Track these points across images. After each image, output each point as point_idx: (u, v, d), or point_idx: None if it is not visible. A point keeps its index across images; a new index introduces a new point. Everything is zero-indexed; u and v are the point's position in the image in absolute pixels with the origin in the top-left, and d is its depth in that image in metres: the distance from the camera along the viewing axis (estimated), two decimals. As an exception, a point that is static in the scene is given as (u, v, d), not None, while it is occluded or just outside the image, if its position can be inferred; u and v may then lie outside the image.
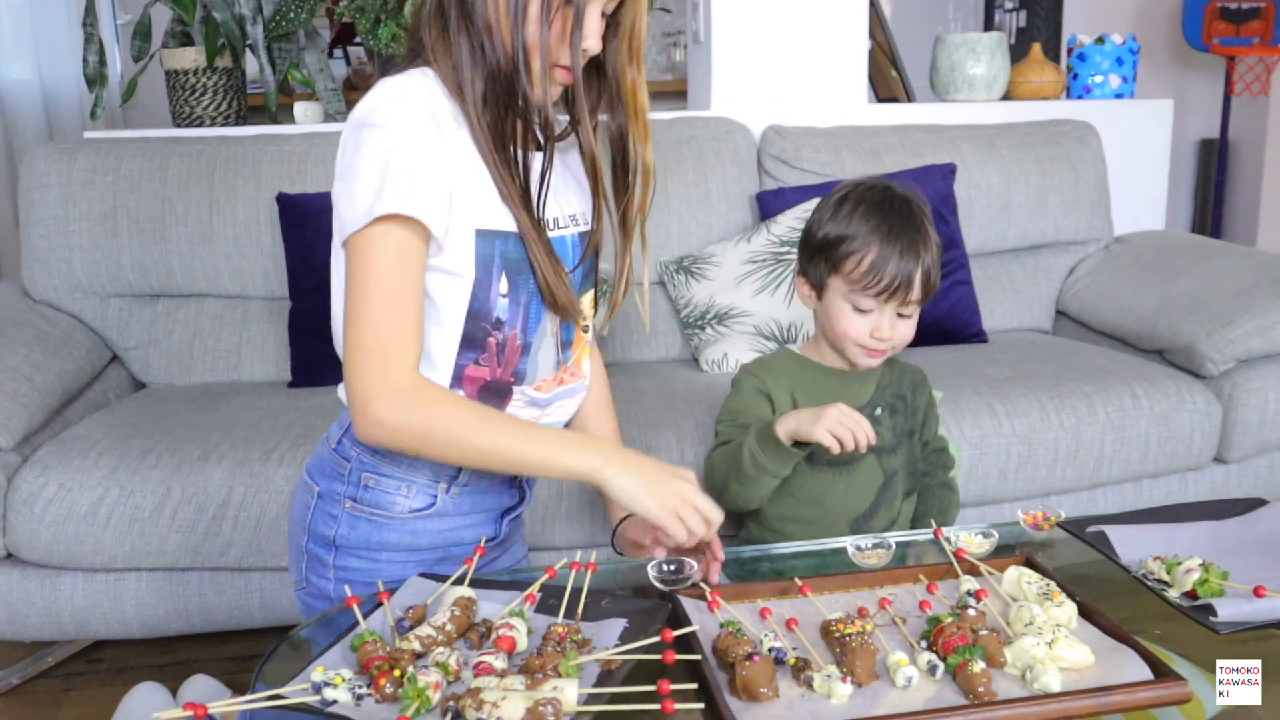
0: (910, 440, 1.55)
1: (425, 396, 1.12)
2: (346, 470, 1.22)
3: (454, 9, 1.13)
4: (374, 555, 1.23)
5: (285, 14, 2.63)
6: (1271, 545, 1.23)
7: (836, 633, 1.02)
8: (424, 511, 1.23)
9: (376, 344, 1.09)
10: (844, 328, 1.44)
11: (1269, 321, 2.13)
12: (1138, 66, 4.21)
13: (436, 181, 1.10)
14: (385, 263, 1.08)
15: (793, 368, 1.52)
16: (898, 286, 1.39)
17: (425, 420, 1.11)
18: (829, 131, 2.62)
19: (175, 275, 2.34)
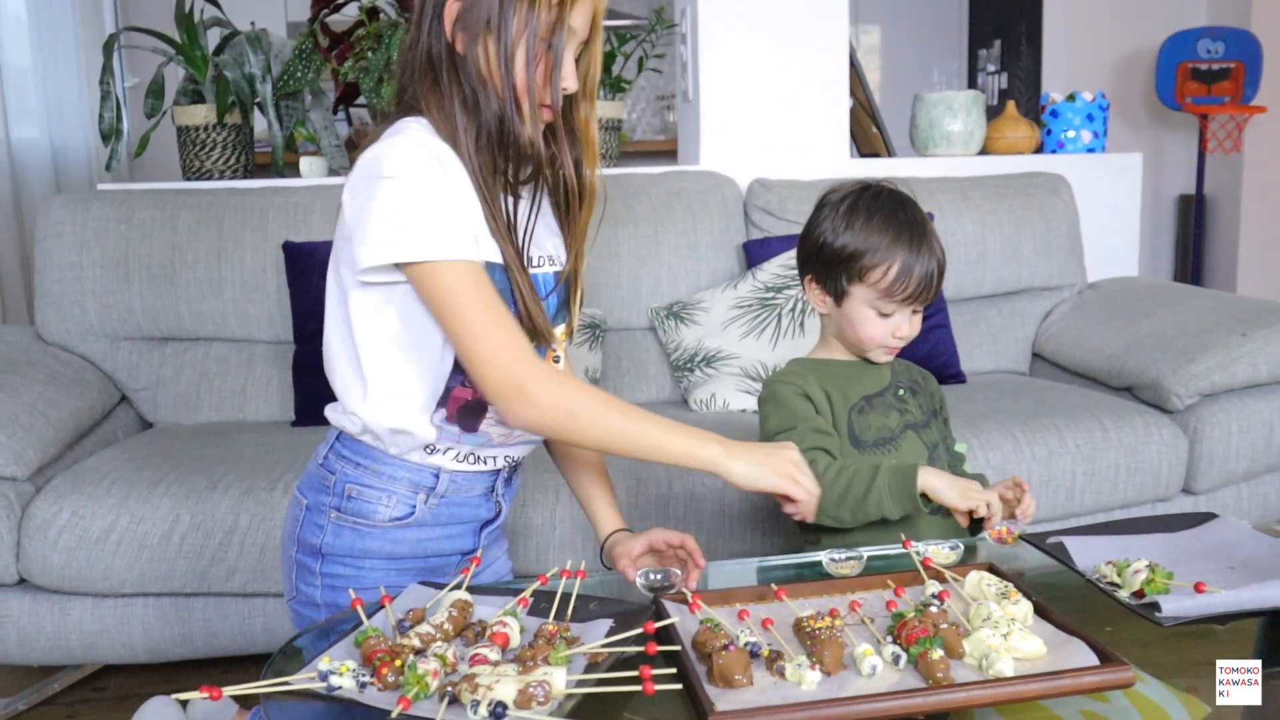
0: (937, 419, 1.62)
1: (568, 379, 1.24)
2: (332, 482, 1.30)
3: (444, 63, 1.23)
4: (358, 563, 1.31)
5: (293, 73, 2.75)
6: (1219, 553, 1.31)
7: (807, 628, 1.09)
8: (403, 520, 1.31)
9: (505, 340, 1.19)
10: (869, 332, 1.50)
11: (1230, 358, 2.23)
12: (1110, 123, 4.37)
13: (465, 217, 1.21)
14: (467, 279, 1.18)
15: (813, 369, 1.57)
16: (922, 291, 1.47)
17: (572, 400, 1.21)
18: (812, 184, 2.73)
19: (184, 319, 2.44)
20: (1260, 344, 2.25)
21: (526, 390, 1.18)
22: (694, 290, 2.59)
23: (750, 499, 1.98)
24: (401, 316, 1.24)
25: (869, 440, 1.52)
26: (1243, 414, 2.26)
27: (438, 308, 1.19)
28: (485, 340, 1.18)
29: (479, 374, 1.20)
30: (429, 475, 1.30)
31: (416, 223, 1.16)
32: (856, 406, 1.54)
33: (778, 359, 2.38)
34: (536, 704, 0.94)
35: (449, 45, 1.23)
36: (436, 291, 1.18)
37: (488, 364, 1.19)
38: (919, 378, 1.65)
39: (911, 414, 1.57)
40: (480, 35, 1.20)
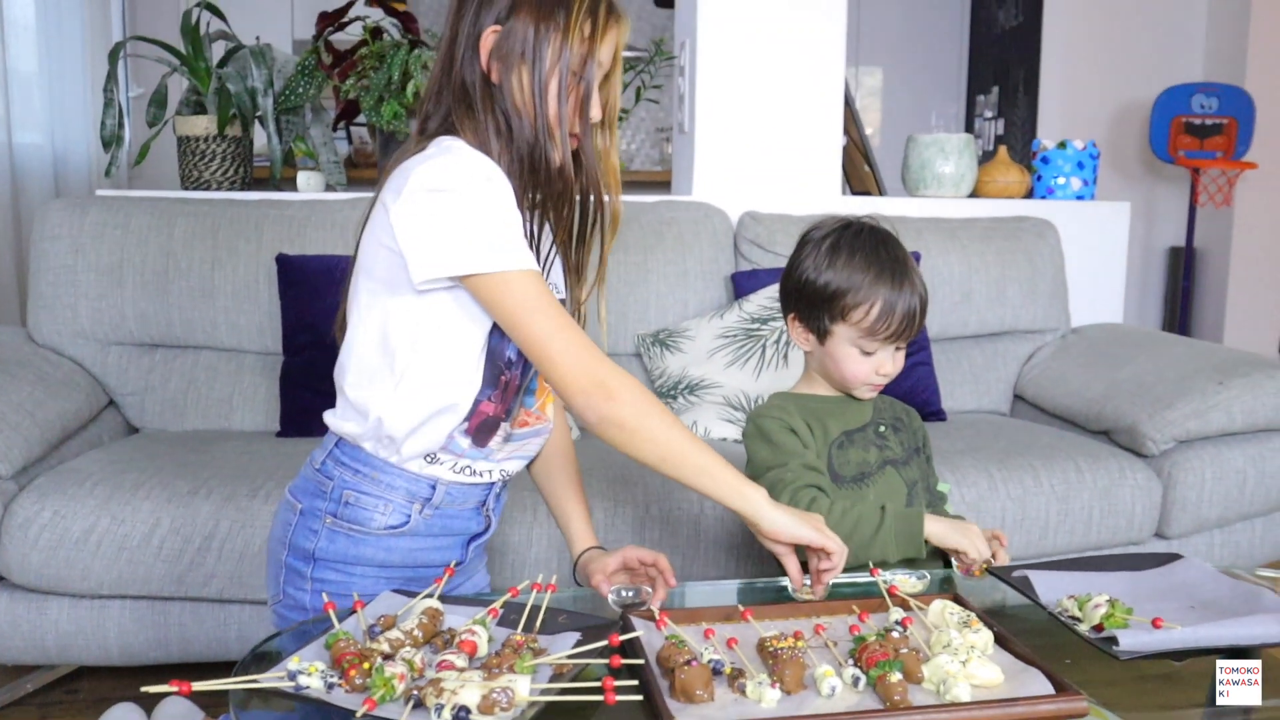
0: (918, 457, 1.63)
1: (636, 382, 1.27)
2: (329, 488, 1.33)
3: (478, 92, 1.29)
4: (349, 569, 1.33)
5: (295, 89, 2.79)
6: (1181, 593, 1.33)
7: (770, 647, 1.11)
8: (398, 529, 1.33)
9: (579, 338, 1.24)
10: (852, 370, 1.51)
11: (1206, 405, 2.26)
12: (1103, 172, 4.42)
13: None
14: (538, 286, 1.23)
15: (795, 403, 1.57)
16: (905, 330, 1.48)
17: (649, 401, 1.25)
18: (802, 219, 2.76)
19: (175, 327, 2.46)
20: (1236, 393, 2.28)
21: (609, 385, 1.22)
22: (681, 319, 2.62)
23: (725, 524, 2.00)
24: (443, 326, 1.28)
25: (848, 475, 1.53)
26: (1217, 461, 2.29)
27: (510, 315, 1.23)
28: (566, 341, 1.22)
29: (560, 374, 1.23)
30: (426, 485, 1.33)
31: (482, 234, 1.21)
32: (837, 441, 1.55)
33: (761, 389, 2.40)
34: (499, 709, 0.96)
35: (484, 75, 1.28)
36: (509, 300, 1.22)
37: (571, 364, 1.22)
38: (902, 414, 1.66)
39: (891, 450, 1.58)
40: (515, 66, 1.26)
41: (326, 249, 2.49)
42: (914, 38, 6.09)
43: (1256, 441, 2.35)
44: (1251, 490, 2.33)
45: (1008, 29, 5.50)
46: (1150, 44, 4.84)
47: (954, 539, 1.45)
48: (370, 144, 4.70)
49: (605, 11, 1.28)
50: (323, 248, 2.49)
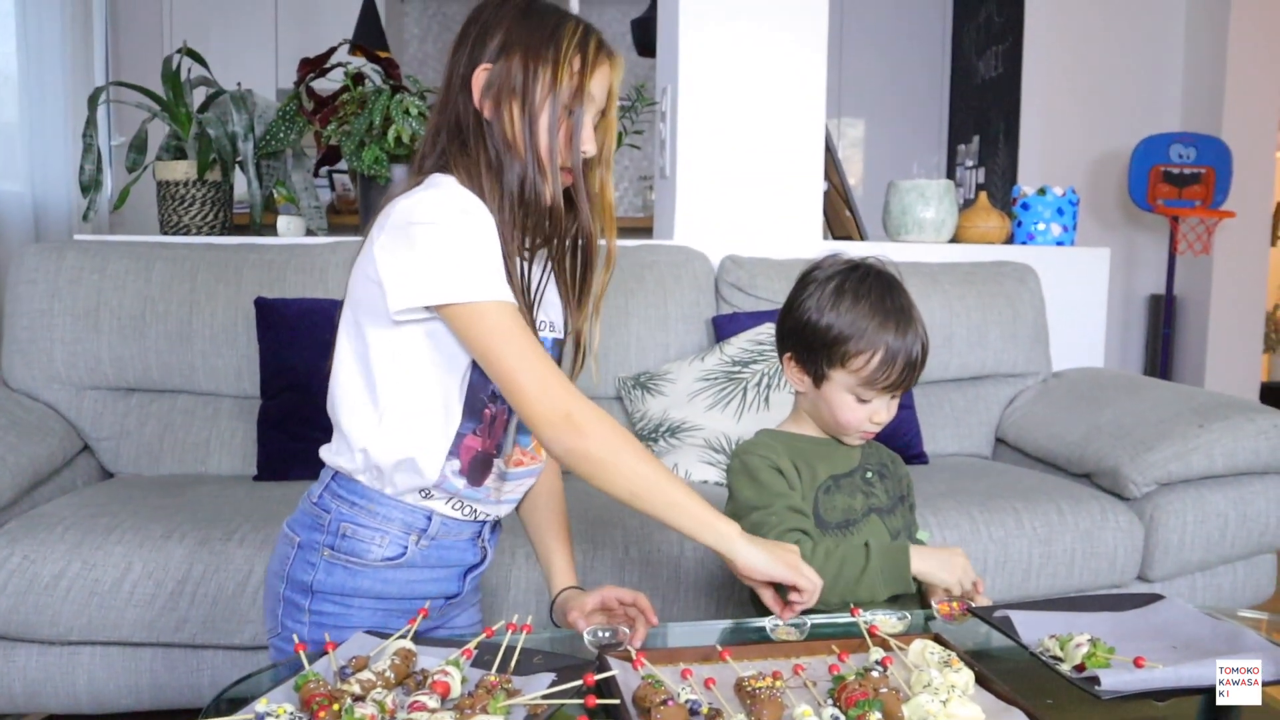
0: (902, 505, 1.60)
1: (607, 416, 1.27)
2: (326, 521, 1.33)
3: (471, 130, 1.31)
4: (347, 601, 1.32)
5: (275, 134, 2.79)
6: (1163, 633, 1.32)
7: (748, 687, 1.09)
8: (395, 560, 1.33)
9: (551, 371, 1.24)
10: (846, 418, 1.48)
11: (1187, 448, 2.25)
12: (1084, 221, 4.45)
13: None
14: (510, 317, 1.24)
15: (783, 443, 1.54)
16: (904, 380, 1.46)
17: (618, 435, 1.25)
18: (783, 263, 2.78)
19: (151, 370, 2.44)
20: (1217, 436, 2.28)
21: (574, 419, 1.22)
22: (662, 361, 2.62)
23: (705, 565, 1.98)
24: (421, 358, 1.28)
25: (833, 521, 1.51)
26: (1199, 504, 2.28)
27: (481, 346, 1.23)
28: (532, 372, 1.22)
29: (528, 406, 1.23)
30: (422, 517, 1.33)
31: (457, 265, 1.22)
32: (823, 486, 1.52)
33: (742, 432, 2.40)
34: (471, 751, 0.94)
35: (477, 112, 1.30)
36: (479, 330, 1.23)
37: (538, 396, 1.22)
38: (888, 461, 1.63)
39: (877, 498, 1.56)
40: (506, 102, 1.29)
41: (306, 292, 2.48)
42: (895, 89, 6.16)
43: (1238, 484, 2.34)
44: (1233, 533, 2.33)
45: (988, 79, 5.57)
46: (1128, 94, 4.91)
47: (940, 575, 1.43)
48: (352, 190, 4.71)
49: (595, 48, 1.31)
50: (302, 291, 2.48)
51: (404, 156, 2.68)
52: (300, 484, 2.25)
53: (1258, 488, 2.36)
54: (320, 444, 2.32)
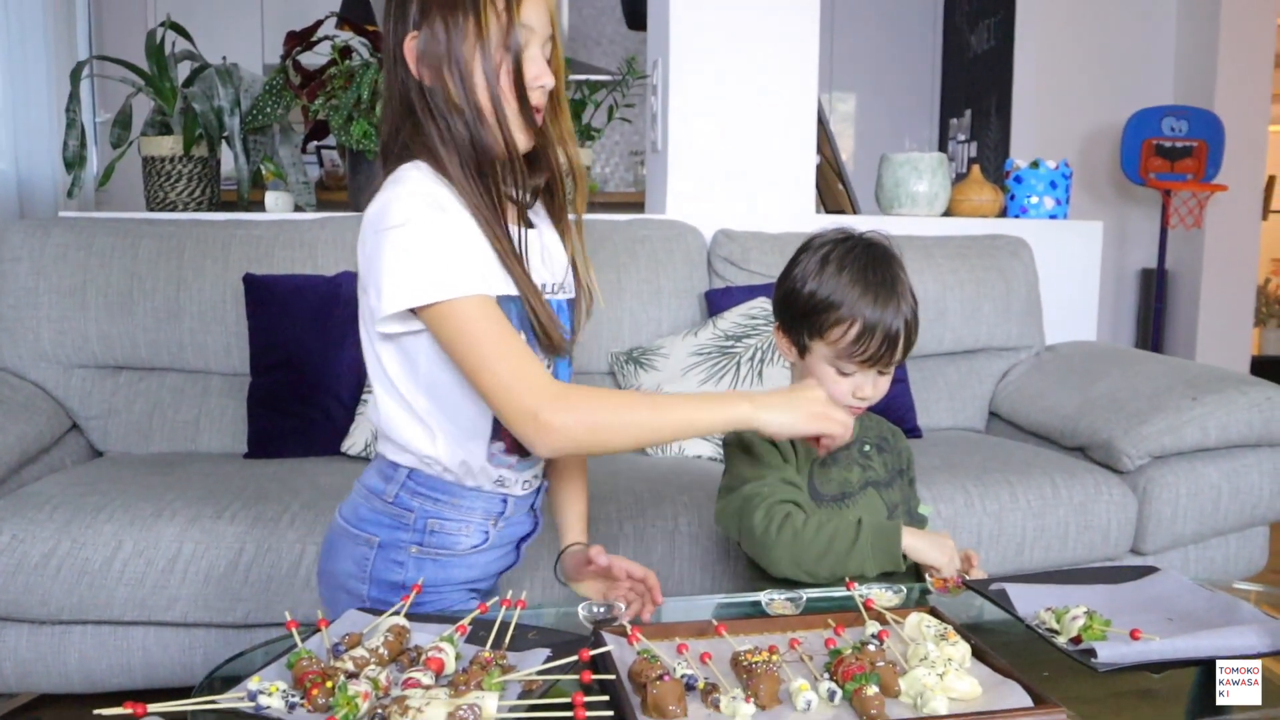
0: (901, 479, 1.59)
1: (580, 393, 1.24)
2: (410, 519, 1.33)
3: (417, 101, 1.26)
4: (438, 591, 1.34)
5: (262, 108, 2.76)
6: (1158, 605, 1.32)
7: (744, 662, 1.09)
8: (480, 547, 1.36)
9: (515, 370, 1.19)
10: (829, 390, 1.43)
11: (1180, 420, 2.25)
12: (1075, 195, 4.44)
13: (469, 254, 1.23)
14: (476, 314, 1.19)
15: None
16: (883, 354, 1.42)
17: (589, 413, 1.21)
18: (776, 237, 2.76)
19: (140, 349, 2.42)
20: (1210, 409, 2.28)
21: (540, 418, 1.18)
22: (654, 336, 2.60)
23: (700, 540, 1.98)
24: (433, 360, 1.26)
25: (828, 494, 1.50)
26: (1191, 477, 2.29)
27: (451, 347, 1.21)
28: (497, 373, 1.19)
29: (497, 408, 1.21)
30: (499, 501, 1.35)
31: (423, 266, 1.18)
32: (819, 459, 1.52)
33: (735, 407, 2.38)
34: (465, 727, 0.93)
35: (418, 83, 1.25)
36: (448, 331, 1.20)
37: (503, 397, 1.19)
38: (889, 434, 1.61)
39: (874, 471, 1.55)
40: (441, 64, 1.23)
41: (295, 269, 2.46)
42: (887, 63, 6.14)
43: (1230, 457, 2.34)
44: (1226, 506, 2.33)
45: (980, 53, 5.54)
46: (1121, 67, 4.89)
47: (931, 555, 1.43)
48: (341, 166, 4.67)
49: None
50: (291, 267, 2.46)
51: (393, 131, 2.65)
52: (290, 461, 2.26)
53: (1250, 460, 2.36)
54: (308, 420, 2.32)
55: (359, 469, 2.17)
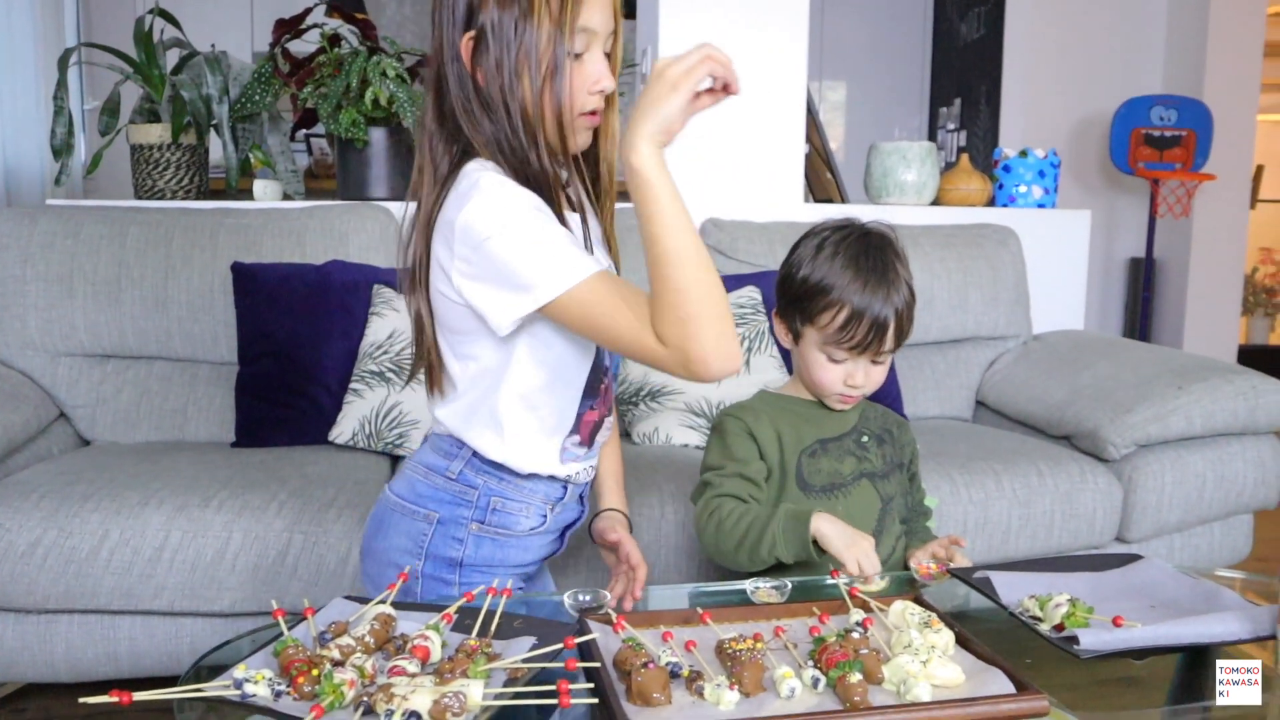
0: (900, 473, 1.58)
1: (704, 318, 1.17)
2: (474, 497, 1.35)
3: (474, 99, 1.26)
4: (494, 570, 1.37)
5: (251, 96, 2.75)
6: (1142, 593, 1.33)
7: (729, 649, 1.09)
8: (537, 529, 1.39)
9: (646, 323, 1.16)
10: (819, 377, 1.47)
11: (1166, 409, 2.27)
12: (1064, 184, 4.45)
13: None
14: (600, 292, 1.17)
15: (773, 406, 1.54)
16: (870, 342, 1.42)
17: (721, 320, 1.16)
18: (764, 226, 2.76)
19: (127, 337, 2.41)
20: (1195, 398, 2.29)
21: (692, 356, 1.14)
22: (644, 326, 2.60)
23: (686, 527, 1.98)
24: (536, 364, 1.28)
25: (817, 485, 1.50)
26: (1177, 466, 2.30)
27: (586, 326, 1.20)
28: (633, 334, 1.16)
29: (652, 363, 1.18)
30: (559, 487, 1.38)
31: (542, 261, 1.17)
32: (809, 449, 1.52)
33: (723, 396, 2.39)
34: (451, 715, 0.94)
35: (473, 81, 1.25)
36: (580, 313, 1.18)
37: (657, 355, 1.16)
38: (893, 426, 1.61)
39: (871, 463, 1.54)
40: (495, 64, 1.23)
41: (284, 257, 2.46)
42: (877, 51, 6.13)
43: (1215, 446, 2.36)
44: (1210, 494, 2.35)
45: (970, 42, 5.54)
46: (1110, 56, 4.89)
47: (835, 545, 1.38)
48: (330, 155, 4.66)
49: None
50: (280, 256, 2.46)
51: (382, 119, 2.65)
52: (278, 450, 2.26)
53: (1235, 449, 2.38)
54: (296, 409, 2.32)
55: (346, 458, 2.20)
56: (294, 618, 1.15)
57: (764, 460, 1.51)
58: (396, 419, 2.29)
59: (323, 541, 1.89)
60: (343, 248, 2.50)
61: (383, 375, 2.31)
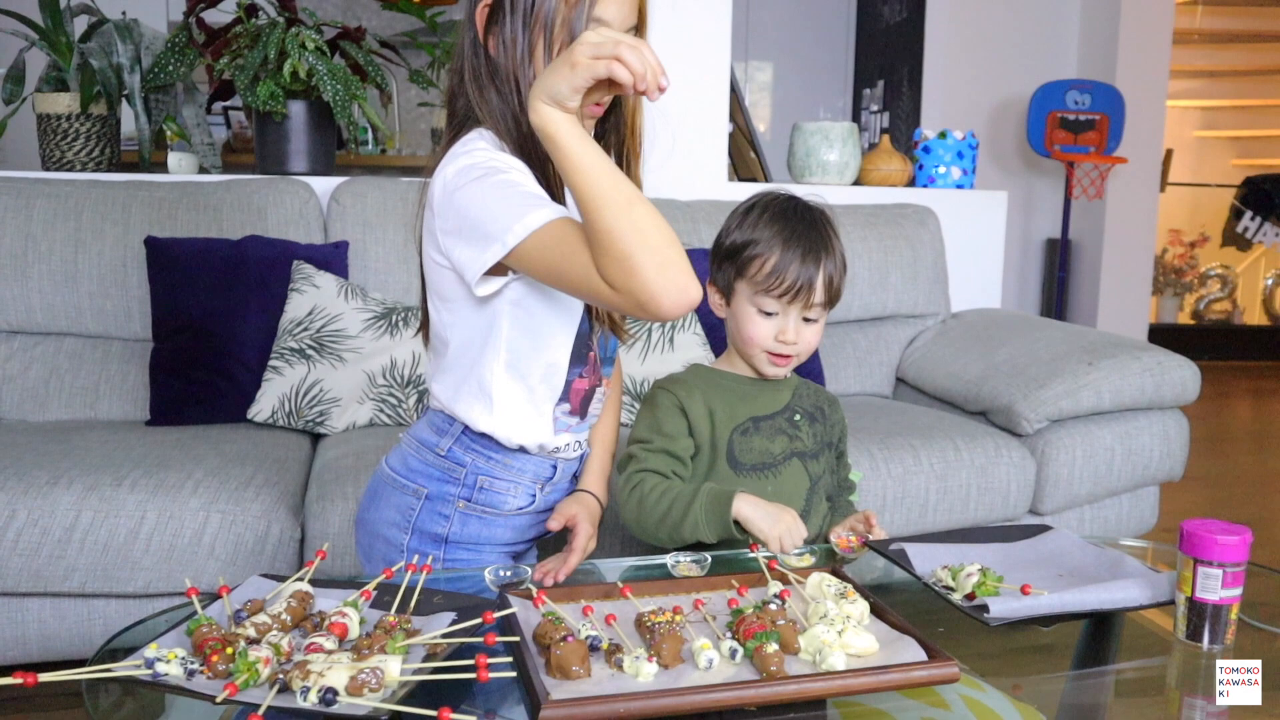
0: (829, 451, 1.59)
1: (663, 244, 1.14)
2: (461, 474, 1.36)
3: (483, 67, 1.26)
4: (479, 548, 1.39)
5: (164, 66, 2.68)
6: (1050, 562, 1.37)
7: (648, 622, 1.10)
8: (525, 509, 1.40)
9: None
10: (750, 332, 1.46)
11: (1076, 385, 2.33)
12: (983, 165, 4.52)
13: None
14: (558, 235, 1.12)
15: (705, 380, 1.53)
16: (800, 288, 1.42)
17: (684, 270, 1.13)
18: (688, 204, 2.77)
19: (35, 313, 2.35)
20: (1105, 374, 2.35)
21: (664, 302, 1.11)
22: (568, 303, 2.60)
23: (612, 506, 1.99)
24: (515, 324, 1.28)
25: (748, 464, 1.50)
26: (1087, 440, 2.36)
27: (551, 278, 1.17)
28: (589, 281, 1.12)
29: (615, 309, 1.16)
30: (548, 466, 1.39)
31: (500, 212, 1.15)
32: (741, 427, 1.51)
33: (646, 373, 2.40)
34: (369, 690, 0.93)
35: (485, 50, 1.25)
36: (541, 263, 1.15)
37: (611, 301, 1.13)
38: (825, 405, 1.61)
39: (802, 442, 1.54)
40: (507, 35, 1.22)
41: (199, 232, 2.41)
42: (802, 33, 6.17)
43: (1124, 420, 2.43)
44: (1119, 467, 2.41)
45: (892, 24, 5.60)
46: (1027, 41, 4.99)
47: (760, 525, 1.39)
48: (249, 128, 4.56)
49: None
50: (195, 230, 2.40)
51: (300, 92, 2.60)
52: (194, 428, 2.22)
53: (1142, 423, 2.45)
54: (213, 386, 2.28)
55: (265, 435, 2.17)
56: (208, 597, 1.13)
57: (693, 437, 1.51)
58: (317, 396, 2.26)
59: (240, 520, 1.86)
60: (261, 223, 2.46)
61: (303, 352, 2.28)
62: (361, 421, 2.29)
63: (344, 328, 2.32)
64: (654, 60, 1.10)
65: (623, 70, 1.08)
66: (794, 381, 1.58)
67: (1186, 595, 1.17)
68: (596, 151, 1.11)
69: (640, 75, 1.09)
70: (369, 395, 2.30)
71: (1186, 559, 1.17)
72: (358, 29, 2.72)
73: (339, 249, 2.47)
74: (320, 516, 1.90)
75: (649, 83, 1.10)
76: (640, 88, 1.10)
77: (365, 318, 2.35)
